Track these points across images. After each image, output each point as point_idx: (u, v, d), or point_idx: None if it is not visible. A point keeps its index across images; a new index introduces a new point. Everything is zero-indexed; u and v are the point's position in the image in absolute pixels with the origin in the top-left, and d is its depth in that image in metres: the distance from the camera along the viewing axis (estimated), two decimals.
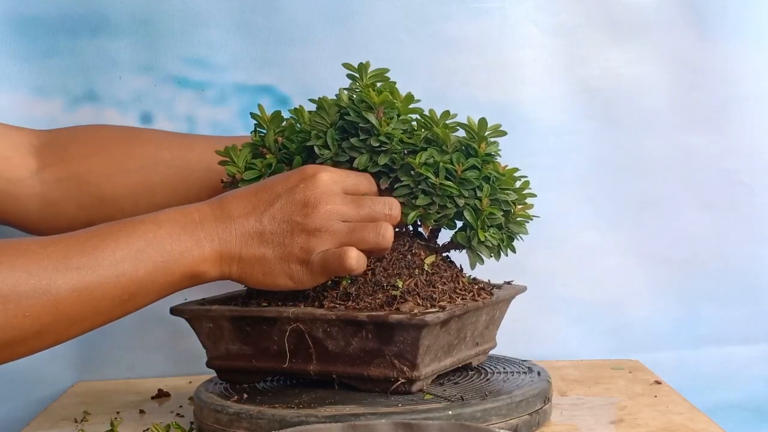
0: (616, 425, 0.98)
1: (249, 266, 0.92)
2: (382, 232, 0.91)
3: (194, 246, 0.89)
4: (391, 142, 0.95)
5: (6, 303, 0.80)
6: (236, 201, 0.92)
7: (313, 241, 0.91)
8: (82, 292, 0.84)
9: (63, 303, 0.83)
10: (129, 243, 0.87)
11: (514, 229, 0.98)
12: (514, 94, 1.29)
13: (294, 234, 0.91)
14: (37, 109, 1.26)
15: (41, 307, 0.82)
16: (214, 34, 1.26)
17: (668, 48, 1.30)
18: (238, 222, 0.91)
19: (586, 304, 1.32)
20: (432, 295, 0.94)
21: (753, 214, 1.32)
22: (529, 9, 1.29)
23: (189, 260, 0.89)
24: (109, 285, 0.85)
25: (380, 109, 0.95)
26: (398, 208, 0.94)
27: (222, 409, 0.92)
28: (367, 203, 0.93)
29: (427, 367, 0.92)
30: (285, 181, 0.93)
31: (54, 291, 0.83)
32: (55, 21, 1.25)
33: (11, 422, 1.25)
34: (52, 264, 0.83)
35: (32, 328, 0.82)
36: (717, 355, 1.33)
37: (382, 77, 0.99)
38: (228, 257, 0.91)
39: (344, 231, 0.91)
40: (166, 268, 0.88)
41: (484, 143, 0.96)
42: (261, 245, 0.91)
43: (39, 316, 0.82)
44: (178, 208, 0.92)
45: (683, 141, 1.31)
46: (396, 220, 0.94)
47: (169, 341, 1.28)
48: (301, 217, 0.91)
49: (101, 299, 0.85)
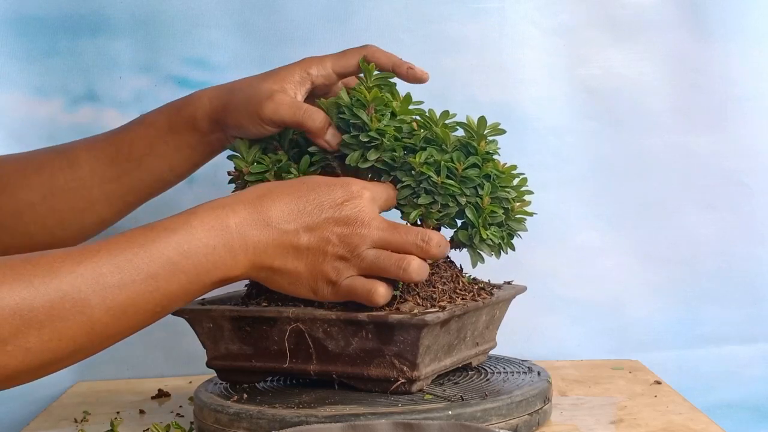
0: (616, 425, 0.98)
1: (278, 276, 0.90)
2: (404, 266, 0.89)
3: (228, 257, 0.87)
4: (382, 138, 0.95)
5: (41, 328, 0.78)
6: (277, 206, 0.89)
7: (342, 264, 0.90)
8: (116, 311, 0.82)
9: (98, 323, 0.81)
10: (163, 256, 0.84)
11: (514, 227, 0.98)
12: (514, 94, 1.29)
13: (327, 254, 0.89)
14: (37, 109, 1.26)
15: (76, 329, 0.80)
16: (214, 35, 1.26)
17: (668, 48, 1.30)
18: (276, 231, 0.88)
19: (586, 304, 1.32)
20: (432, 295, 0.94)
21: (753, 215, 1.32)
22: (528, 9, 1.29)
23: (222, 270, 0.87)
24: (143, 301, 0.83)
25: (372, 106, 0.95)
26: (437, 242, 0.91)
27: (222, 409, 0.92)
28: (402, 231, 0.91)
29: (427, 367, 0.92)
30: (330, 194, 0.90)
31: (89, 312, 0.80)
32: (55, 21, 1.25)
33: (11, 422, 1.25)
34: (85, 284, 0.80)
35: (67, 350, 0.81)
36: (717, 355, 1.33)
37: (385, 81, 0.99)
38: (260, 266, 0.89)
39: (370, 258, 0.90)
40: (198, 279, 0.86)
41: (483, 141, 0.96)
42: (295, 259, 0.89)
43: (74, 338, 0.80)
44: (212, 209, 0.87)
45: (683, 141, 1.31)
46: (430, 254, 0.91)
47: (169, 341, 1.28)
48: (338, 239, 0.89)
49: (134, 315, 0.83)
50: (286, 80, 1.01)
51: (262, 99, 0.98)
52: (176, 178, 1.07)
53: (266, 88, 1.00)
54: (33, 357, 0.79)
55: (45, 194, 1.06)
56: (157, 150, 1.05)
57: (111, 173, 1.06)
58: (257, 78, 1.02)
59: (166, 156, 1.05)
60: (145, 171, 1.05)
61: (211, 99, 1.03)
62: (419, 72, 1.02)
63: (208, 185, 1.26)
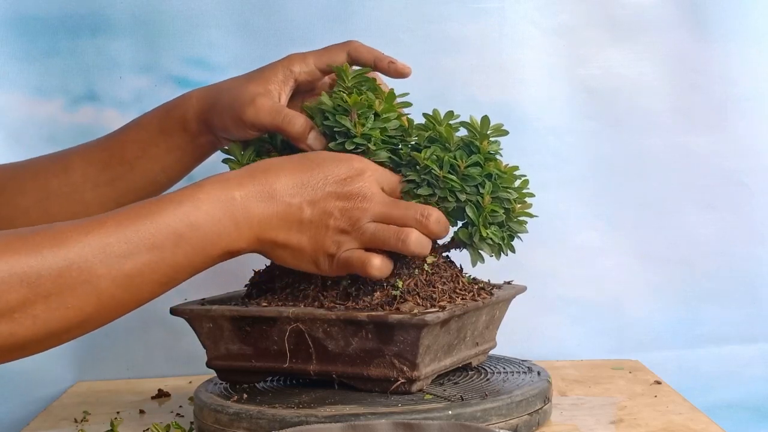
0: (616, 425, 0.98)
1: (281, 250, 0.91)
2: (403, 237, 0.90)
3: (232, 228, 0.88)
4: (368, 143, 0.95)
5: (48, 296, 0.79)
6: (282, 178, 0.90)
7: (343, 237, 0.91)
8: (123, 281, 0.83)
9: (105, 292, 0.82)
10: (169, 227, 0.85)
11: (515, 228, 0.98)
12: (514, 94, 1.29)
13: (329, 228, 0.90)
14: (37, 109, 1.26)
15: (84, 298, 0.81)
16: (214, 35, 1.27)
17: (668, 48, 1.30)
18: (281, 203, 0.89)
19: (586, 304, 1.32)
20: (432, 294, 0.94)
21: (752, 214, 1.32)
22: (528, 9, 1.29)
23: (227, 241, 0.88)
24: (148, 271, 0.84)
25: (354, 111, 0.95)
26: (436, 218, 0.92)
27: (222, 409, 0.92)
28: (402, 206, 0.92)
29: (427, 367, 0.92)
30: (334, 168, 0.91)
31: (95, 281, 0.82)
32: (55, 21, 1.25)
33: (11, 422, 1.25)
34: (92, 253, 0.81)
35: (75, 319, 0.82)
36: (717, 354, 1.33)
37: (364, 77, 0.99)
38: (264, 239, 0.90)
39: (370, 231, 0.91)
40: (205, 251, 0.87)
41: (486, 141, 0.96)
42: (298, 233, 0.90)
43: (81, 307, 0.81)
44: (218, 181, 0.89)
45: (683, 141, 1.31)
46: (429, 229, 0.92)
47: (169, 341, 1.28)
48: (339, 212, 0.90)
49: (141, 284, 0.84)
50: (270, 81, 1.01)
51: (245, 103, 0.99)
52: (168, 181, 1.08)
53: (250, 91, 1.00)
54: (40, 325, 0.80)
55: (39, 199, 1.06)
56: (149, 152, 1.05)
57: (104, 177, 1.06)
58: (243, 79, 1.03)
59: (158, 158, 1.05)
60: (138, 174, 1.06)
61: (199, 99, 1.04)
62: (401, 66, 1.02)
63: None
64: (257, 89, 1.00)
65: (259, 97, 0.99)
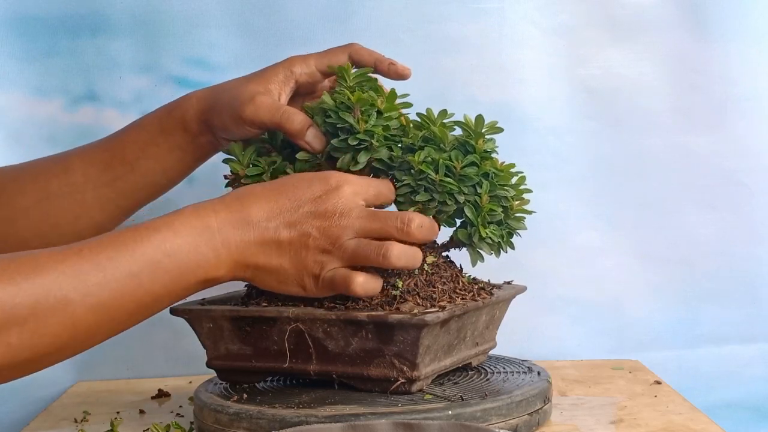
0: (616, 425, 0.98)
1: (264, 274, 0.90)
2: (383, 252, 0.89)
3: (211, 255, 0.87)
4: (371, 139, 0.95)
5: (23, 324, 0.79)
6: (256, 205, 0.90)
7: (325, 257, 0.90)
8: (98, 309, 0.82)
9: (80, 321, 0.82)
10: (145, 255, 0.85)
11: (513, 225, 0.98)
12: (513, 94, 1.29)
13: (309, 248, 0.90)
14: (37, 109, 1.26)
15: (58, 326, 0.81)
16: (214, 35, 1.27)
17: (668, 48, 1.30)
18: (257, 228, 0.89)
19: (586, 304, 1.32)
20: (432, 294, 0.94)
21: (752, 214, 1.32)
22: (528, 9, 1.29)
23: (204, 269, 0.87)
24: (124, 299, 0.84)
25: (357, 108, 0.95)
26: (418, 223, 0.91)
27: (222, 409, 0.92)
28: (381, 217, 0.91)
29: (427, 367, 0.92)
30: (308, 189, 0.91)
31: (71, 309, 0.81)
32: (55, 21, 1.25)
33: (11, 422, 1.25)
34: (67, 281, 0.81)
35: (51, 347, 0.81)
36: (716, 354, 1.33)
37: (365, 77, 0.99)
38: (243, 264, 0.89)
39: (351, 248, 0.90)
40: (182, 278, 0.87)
41: (481, 140, 0.96)
42: (278, 255, 0.90)
43: (57, 335, 0.81)
44: (194, 211, 0.89)
45: (683, 141, 1.31)
46: (412, 237, 0.91)
47: (169, 341, 1.28)
48: (318, 232, 0.89)
49: (116, 313, 0.84)
50: (270, 80, 1.01)
51: (244, 101, 0.99)
52: (169, 182, 1.07)
53: (249, 89, 1.00)
54: (15, 353, 0.79)
55: (39, 199, 1.06)
56: (150, 152, 1.05)
57: (104, 178, 1.06)
58: (243, 79, 1.03)
59: (159, 158, 1.05)
60: (138, 174, 1.06)
61: (199, 99, 1.04)
62: (401, 68, 1.02)
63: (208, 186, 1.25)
64: (257, 88, 1.00)
65: (259, 95, 0.99)
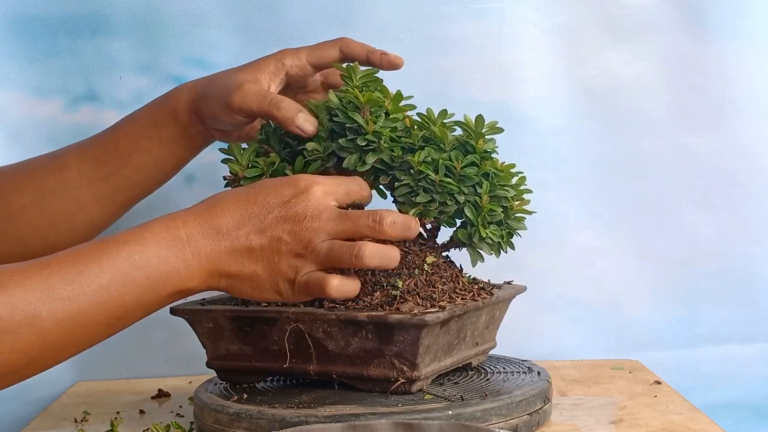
0: (616, 425, 0.98)
1: (238, 282, 0.89)
2: (355, 253, 0.87)
3: (182, 266, 0.86)
4: (379, 140, 0.95)
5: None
6: (225, 213, 0.88)
7: (299, 261, 0.88)
8: (68, 323, 0.82)
9: (49, 335, 0.81)
10: (114, 267, 0.84)
11: (513, 225, 0.98)
12: (513, 95, 1.30)
13: (282, 252, 0.88)
14: (37, 109, 1.26)
15: (27, 341, 0.80)
16: (214, 35, 1.27)
17: (667, 49, 1.30)
18: (227, 237, 0.88)
19: (586, 304, 1.32)
20: (432, 295, 0.94)
21: (751, 214, 1.32)
22: (528, 9, 1.29)
23: (176, 280, 0.86)
24: (94, 312, 0.83)
25: (366, 109, 0.95)
26: (390, 221, 0.89)
27: (222, 409, 0.92)
28: (353, 217, 0.89)
29: (427, 367, 0.92)
30: (277, 193, 0.89)
31: (39, 324, 0.80)
32: (55, 21, 1.25)
33: (11, 422, 1.25)
34: (35, 296, 0.80)
35: (20, 362, 0.81)
36: (716, 354, 1.33)
37: (371, 77, 0.99)
38: (216, 274, 0.88)
39: (324, 251, 0.88)
40: (153, 290, 0.85)
41: (481, 140, 0.96)
42: (251, 262, 0.88)
43: (26, 350, 0.80)
44: (164, 222, 0.88)
45: (682, 141, 1.31)
46: (386, 235, 0.89)
47: (169, 341, 1.28)
48: (290, 236, 0.88)
49: (87, 326, 0.83)
50: (260, 70, 1.01)
51: (232, 89, 0.99)
52: (163, 175, 1.07)
53: (238, 78, 1.00)
54: None
55: (36, 197, 1.06)
56: (142, 145, 1.05)
57: (99, 173, 1.06)
58: (234, 69, 1.03)
59: (151, 151, 1.05)
60: (132, 168, 1.06)
61: (191, 89, 1.04)
62: (393, 57, 1.02)
63: (207, 187, 1.25)
64: (246, 76, 1.00)
65: (247, 83, 0.99)
